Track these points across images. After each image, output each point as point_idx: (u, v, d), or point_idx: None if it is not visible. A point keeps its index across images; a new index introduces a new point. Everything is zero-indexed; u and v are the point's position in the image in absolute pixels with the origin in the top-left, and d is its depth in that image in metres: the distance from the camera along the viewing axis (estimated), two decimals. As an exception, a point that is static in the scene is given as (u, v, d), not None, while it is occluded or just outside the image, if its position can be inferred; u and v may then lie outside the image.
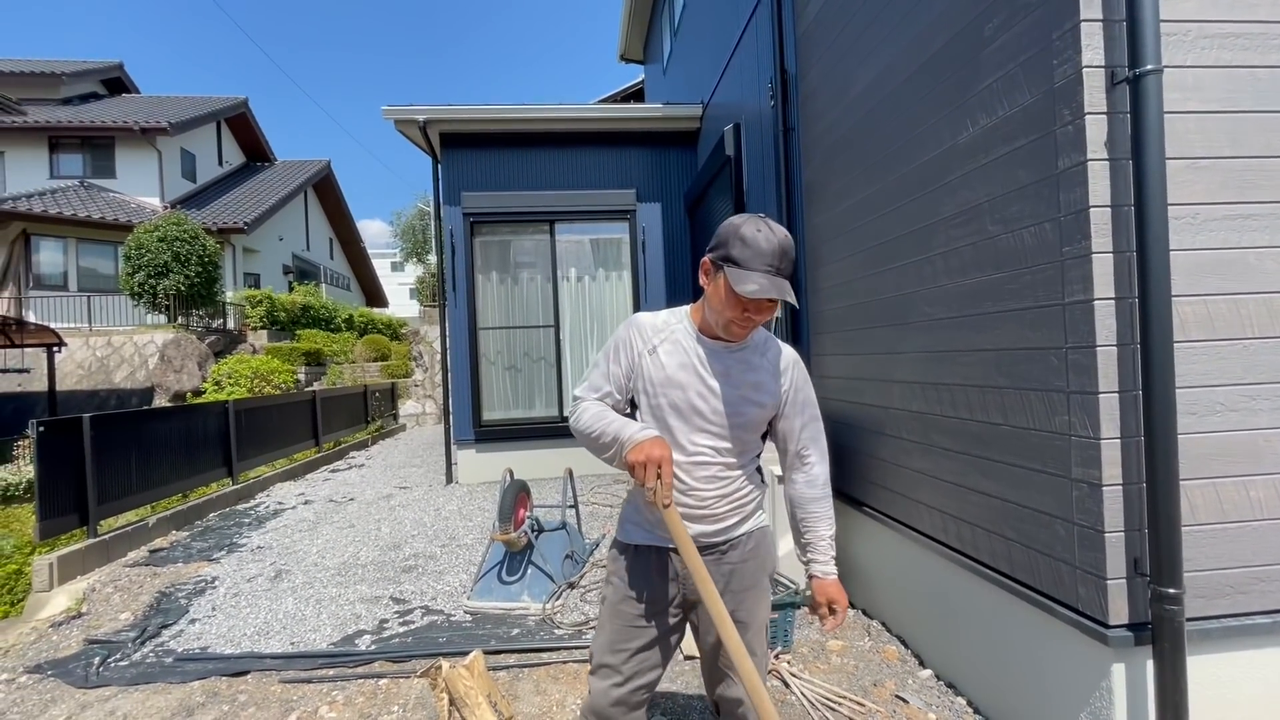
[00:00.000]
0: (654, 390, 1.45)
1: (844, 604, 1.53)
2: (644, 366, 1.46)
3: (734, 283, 1.29)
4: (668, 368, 1.44)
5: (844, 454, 3.38)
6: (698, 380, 1.43)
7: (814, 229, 3.70)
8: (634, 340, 1.48)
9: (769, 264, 1.29)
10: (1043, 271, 1.92)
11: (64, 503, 4.38)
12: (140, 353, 13.20)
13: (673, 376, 1.43)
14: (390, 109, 6.38)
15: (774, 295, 1.28)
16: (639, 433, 1.35)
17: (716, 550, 1.50)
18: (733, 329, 1.39)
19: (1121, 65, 1.74)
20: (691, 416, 1.43)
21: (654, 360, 1.45)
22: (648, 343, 1.47)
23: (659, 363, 1.45)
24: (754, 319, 1.37)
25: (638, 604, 1.49)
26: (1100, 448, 1.74)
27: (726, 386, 1.44)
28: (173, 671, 2.87)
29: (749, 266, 1.29)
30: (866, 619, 3.11)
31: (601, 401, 1.49)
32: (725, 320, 1.38)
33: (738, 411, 1.44)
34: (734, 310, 1.35)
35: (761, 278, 1.28)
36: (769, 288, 1.28)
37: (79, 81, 18.89)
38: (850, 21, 3.16)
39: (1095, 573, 1.76)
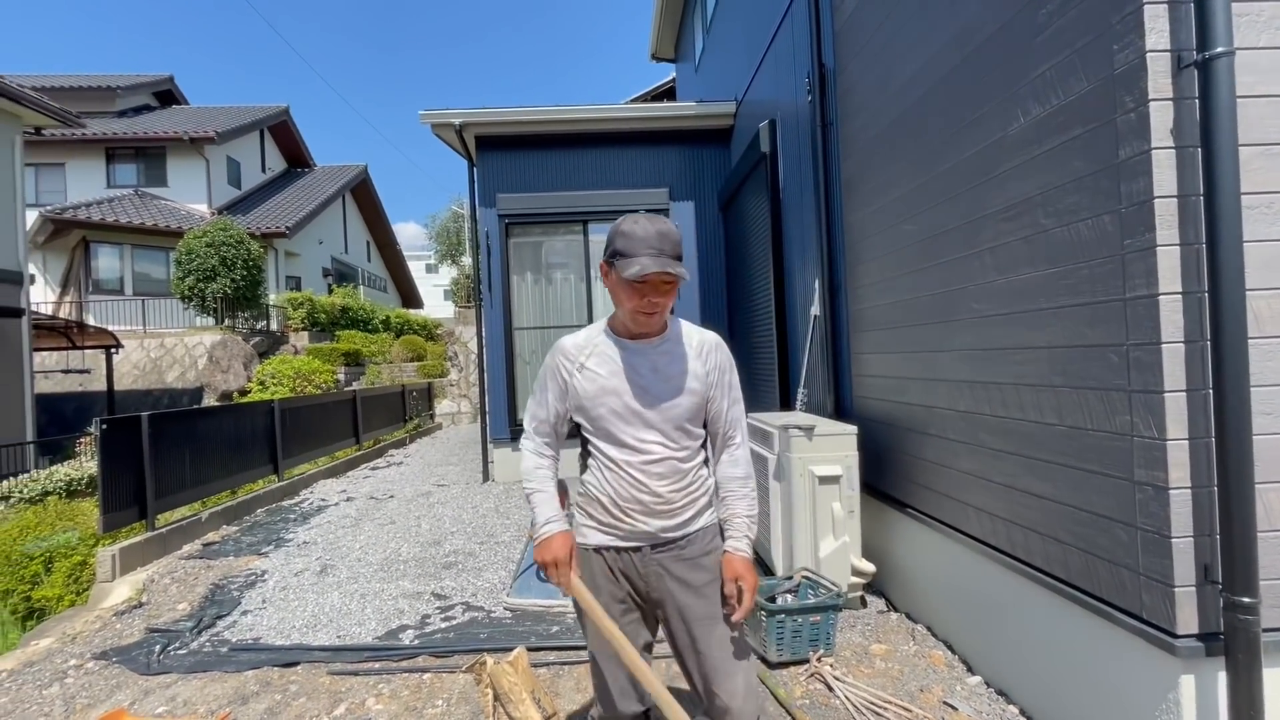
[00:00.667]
0: (591, 404, 1.51)
1: (752, 583, 1.52)
2: (576, 385, 1.52)
3: (622, 271, 1.38)
4: (599, 378, 1.50)
5: (885, 454, 3.32)
6: (629, 383, 1.49)
7: (853, 225, 3.64)
8: (561, 365, 1.55)
9: (651, 247, 1.37)
10: (1102, 266, 1.85)
11: (124, 497, 4.59)
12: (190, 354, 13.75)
13: (605, 385, 1.49)
14: (427, 113, 6.50)
15: (656, 269, 1.35)
16: (544, 527, 1.50)
17: (675, 546, 1.54)
18: (639, 318, 1.45)
19: (1189, 48, 1.66)
20: (633, 418, 1.49)
21: (584, 376, 1.51)
22: (574, 361, 1.53)
23: (589, 376, 1.51)
24: (655, 302, 1.42)
25: (609, 601, 1.53)
26: (1166, 449, 1.66)
27: (658, 381, 1.50)
28: (228, 661, 2.98)
29: (633, 253, 1.38)
30: (910, 623, 3.04)
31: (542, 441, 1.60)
32: (630, 311, 1.45)
33: (674, 403, 1.49)
34: (633, 299, 1.42)
35: (644, 259, 1.36)
36: (651, 265, 1.35)
37: (133, 95, 19.73)
38: (892, 13, 3.09)
39: (1161, 579, 1.69)
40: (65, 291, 16.05)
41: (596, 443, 1.54)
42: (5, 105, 9.42)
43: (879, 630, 2.99)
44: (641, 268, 1.36)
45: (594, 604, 1.46)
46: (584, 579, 1.54)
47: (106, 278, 16.11)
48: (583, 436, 1.59)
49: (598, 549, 1.56)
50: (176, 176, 17.65)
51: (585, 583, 1.53)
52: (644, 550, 1.53)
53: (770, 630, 2.64)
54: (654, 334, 1.53)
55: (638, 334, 1.52)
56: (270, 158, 21.49)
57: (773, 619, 2.63)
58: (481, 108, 6.55)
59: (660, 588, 1.53)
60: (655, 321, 1.48)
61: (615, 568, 1.55)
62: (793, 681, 2.56)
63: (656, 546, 1.53)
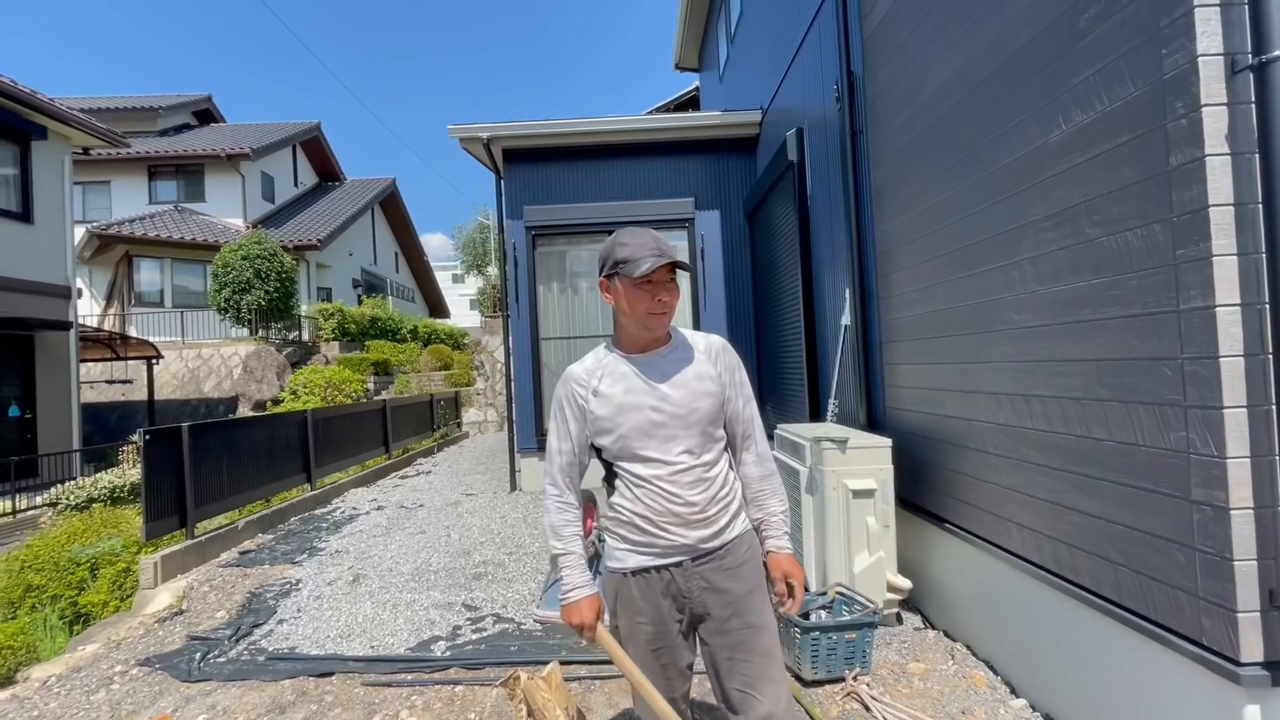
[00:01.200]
0: (612, 424, 1.49)
1: (800, 578, 1.55)
2: (593, 409, 1.50)
3: (630, 274, 1.41)
4: (616, 397, 1.49)
5: (921, 467, 3.25)
6: (647, 395, 1.48)
7: (885, 234, 3.58)
8: (574, 393, 1.53)
9: (651, 249, 1.42)
10: (1152, 276, 1.79)
11: (166, 506, 4.72)
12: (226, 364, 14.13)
13: (624, 403, 1.48)
14: (456, 128, 6.61)
15: (667, 260, 1.41)
16: (570, 593, 1.51)
17: (715, 556, 1.51)
18: (651, 320, 1.46)
19: (1243, 52, 1.60)
20: (656, 431, 1.47)
21: (600, 399, 1.50)
22: (587, 387, 1.52)
23: (605, 398, 1.49)
24: (664, 300, 1.45)
25: (649, 626, 1.51)
26: (1226, 468, 1.60)
27: (674, 389, 1.49)
28: (265, 669, 3.03)
29: (636, 258, 1.41)
30: (949, 641, 2.96)
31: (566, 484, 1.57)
32: (641, 316, 1.46)
33: (693, 408, 1.48)
34: (643, 301, 1.44)
35: (649, 258, 1.40)
36: (661, 258, 1.41)
37: (174, 114, 20.48)
38: (923, 20, 3.05)
39: (1223, 604, 1.61)
40: (109, 304, 16.65)
41: (622, 464, 1.52)
42: (57, 128, 9.85)
43: (916, 648, 2.92)
44: (653, 263, 1.40)
45: (623, 655, 1.47)
46: (624, 608, 1.52)
47: (148, 290, 16.68)
48: (605, 461, 1.57)
49: (636, 571, 1.52)
50: (214, 192, 18.23)
51: (625, 610, 1.52)
52: (684, 564, 1.50)
53: (804, 647, 2.59)
54: (661, 344, 1.53)
55: (646, 345, 1.52)
56: (302, 172, 22.08)
57: (807, 636, 2.58)
58: (508, 122, 6.64)
59: (703, 600, 1.50)
60: (666, 322, 1.49)
61: (656, 588, 1.51)
62: (828, 701, 2.51)
63: (697, 559, 1.50)
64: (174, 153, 17.91)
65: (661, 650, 1.51)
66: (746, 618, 1.50)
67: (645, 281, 1.42)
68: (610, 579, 1.56)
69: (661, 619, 1.51)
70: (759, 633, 1.50)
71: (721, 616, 1.50)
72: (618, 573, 1.54)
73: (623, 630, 1.54)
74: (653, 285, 1.43)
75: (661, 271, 1.42)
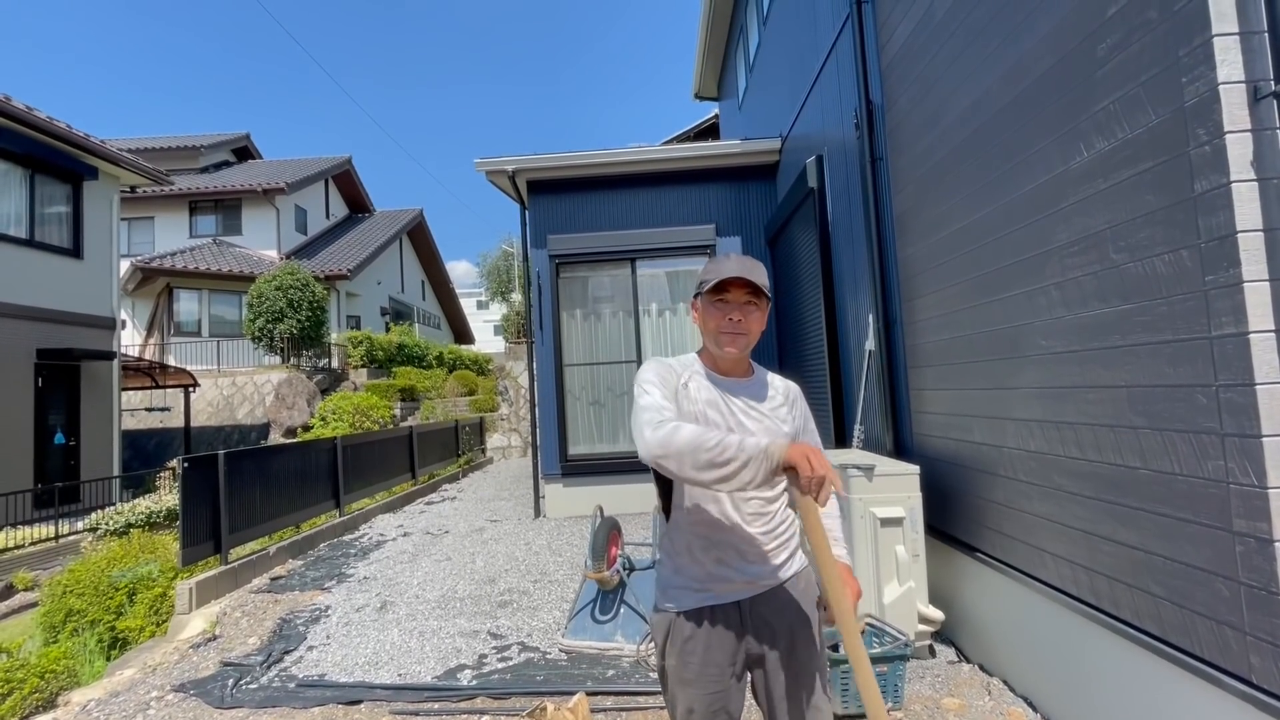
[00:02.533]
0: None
1: (855, 588, 1.52)
2: (681, 400, 1.44)
3: (708, 286, 1.44)
4: (698, 402, 1.45)
5: (950, 494, 3.19)
6: (723, 415, 1.44)
7: (908, 260, 3.59)
8: (668, 373, 1.47)
9: (732, 267, 1.43)
10: (1182, 302, 1.77)
11: (202, 532, 4.83)
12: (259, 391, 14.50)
13: (702, 412, 1.43)
14: (482, 162, 6.81)
15: (741, 274, 1.41)
16: (780, 437, 1.38)
17: (775, 594, 1.46)
18: (721, 339, 1.45)
19: (1265, 79, 1.60)
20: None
21: (686, 394, 1.45)
22: (680, 376, 1.48)
23: (690, 396, 1.45)
24: (735, 320, 1.43)
25: (706, 668, 1.41)
26: (1269, 498, 1.55)
27: (751, 419, 1.46)
28: (296, 697, 3.06)
29: (715, 274, 1.44)
30: (985, 675, 2.88)
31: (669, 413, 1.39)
32: (715, 332, 1.46)
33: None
34: (715, 318, 1.45)
35: (727, 271, 1.42)
36: (736, 269, 1.42)
37: (214, 152, 21.43)
38: (940, 49, 3.09)
39: (1272, 640, 1.56)
40: (150, 334, 17.27)
41: (685, 489, 1.45)
42: (107, 168, 10.38)
43: (950, 683, 2.84)
44: (722, 275, 1.42)
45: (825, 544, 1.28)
46: (674, 647, 1.44)
47: (186, 320, 17.29)
48: (663, 485, 1.48)
49: (696, 611, 1.43)
50: (250, 225, 18.94)
51: (675, 649, 1.44)
52: (742, 604, 1.43)
53: (834, 680, 2.54)
54: (743, 373, 1.52)
55: (727, 369, 1.50)
56: (334, 204, 22.83)
57: (837, 669, 2.53)
58: (532, 154, 6.82)
59: (765, 637, 1.44)
60: (740, 345, 1.45)
61: (712, 629, 1.43)
62: (860, 737, 2.45)
63: (758, 597, 1.44)
64: (214, 189, 18.70)
65: (715, 695, 1.42)
66: (803, 655, 1.44)
67: (719, 300, 1.43)
68: (662, 618, 1.48)
69: (715, 661, 1.42)
70: (813, 670, 1.45)
71: (774, 657, 1.44)
72: (670, 611, 1.46)
73: (670, 670, 1.45)
74: (726, 304, 1.43)
75: (737, 291, 1.42)
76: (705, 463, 1.22)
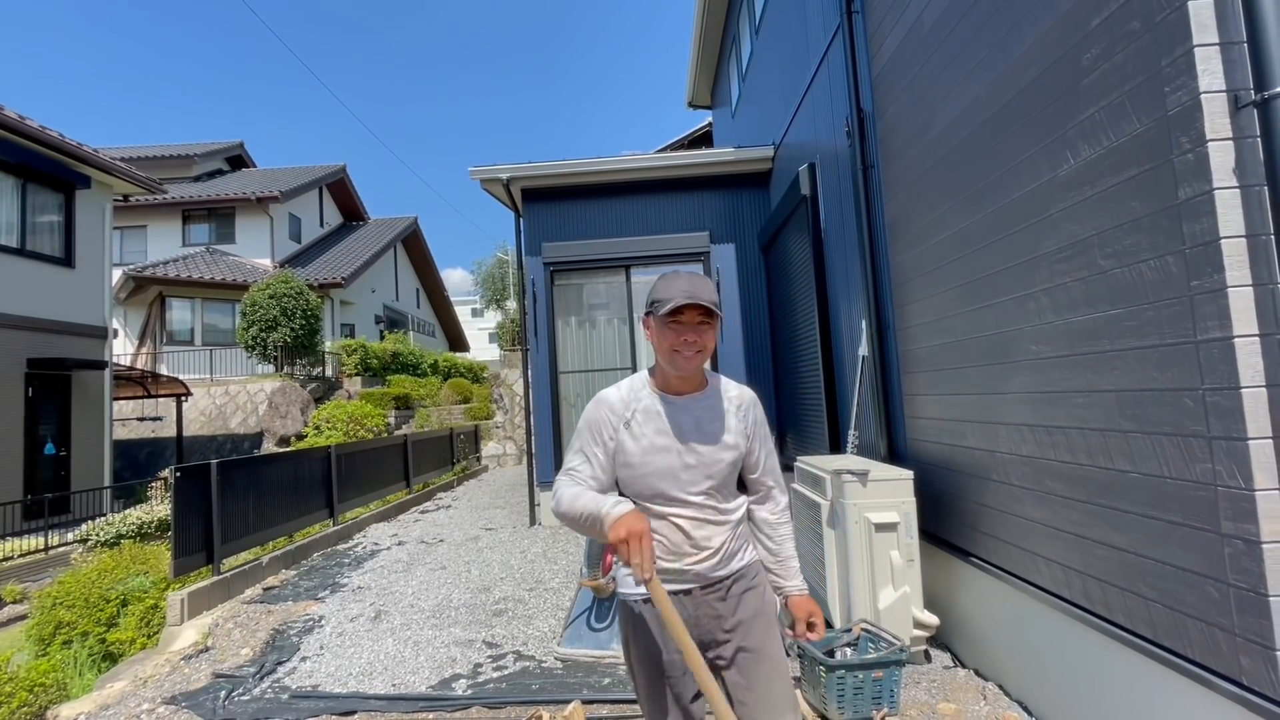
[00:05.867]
0: (639, 461, 1.50)
1: (821, 617, 1.62)
2: (623, 441, 1.50)
3: (660, 309, 1.46)
4: (646, 435, 1.50)
5: (944, 499, 3.21)
6: (675, 440, 1.50)
7: (900, 266, 3.62)
8: (607, 418, 1.51)
9: (683, 289, 1.45)
10: (1168, 307, 1.80)
11: (194, 543, 4.79)
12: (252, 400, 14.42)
13: (654, 443, 1.49)
14: (477, 170, 6.83)
15: (688, 300, 1.43)
16: (614, 508, 1.34)
17: (723, 585, 1.56)
18: (675, 358, 1.48)
19: (1246, 88, 1.63)
20: (680, 474, 1.50)
21: (630, 433, 1.50)
22: (620, 417, 1.52)
23: (636, 434, 1.50)
24: (691, 340, 1.46)
25: (662, 655, 1.51)
26: (1255, 500, 1.57)
27: (701, 437, 1.51)
28: (289, 708, 3.03)
29: (668, 296, 1.46)
30: (980, 680, 2.88)
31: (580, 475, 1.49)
32: (668, 351, 1.48)
33: (717, 459, 1.52)
34: (669, 338, 1.47)
35: (679, 296, 1.44)
36: (687, 298, 1.43)
37: (207, 160, 21.40)
38: (930, 59, 3.13)
39: (1261, 641, 1.57)
40: (142, 343, 17.17)
41: (641, 500, 1.52)
42: (100, 177, 10.36)
43: (946, 688, 2.84)
44: (675, 301, 1.44)
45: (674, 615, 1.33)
46: (636, 635, 1.53)
47: (179, 329, 17.20)
48: (623, 494, 1.56)
49: (648, 599, 1.52)
50: (244, 234, 18.89)
51: (639, 639, 1.53)
52: (694, 592, 1.54)
53: (830, 687, 2.54)
54: (695, 387, 1.55)
55: (680, 388, 1.54)
56: (328, 212, 22.81)
57: (832, 675, 2.53)
58: (527, 163, 6.84)
59: (712, 628, 1.54)
60: (695, 363, 1.49)
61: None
62: (857, 743, 2.44)
63: (705, 587, 1.54)
64: (207, 197, 18.66)
65: (671, 680, 1.51)
66: (745, 642, 1.54)
67: (673, 320, 1.46)
68: (625, 607, 1.59)
69: (673, 647, 1.49)
70: (757, 660, 1.53)
71: (727, 643, 1.54)
72: (632, 600, 1.56)
73: (635, 658, 1.56)
74: (680, 325, 1.46)
75: (691, 313, 1.45)
76: (573, 523, 1.42)
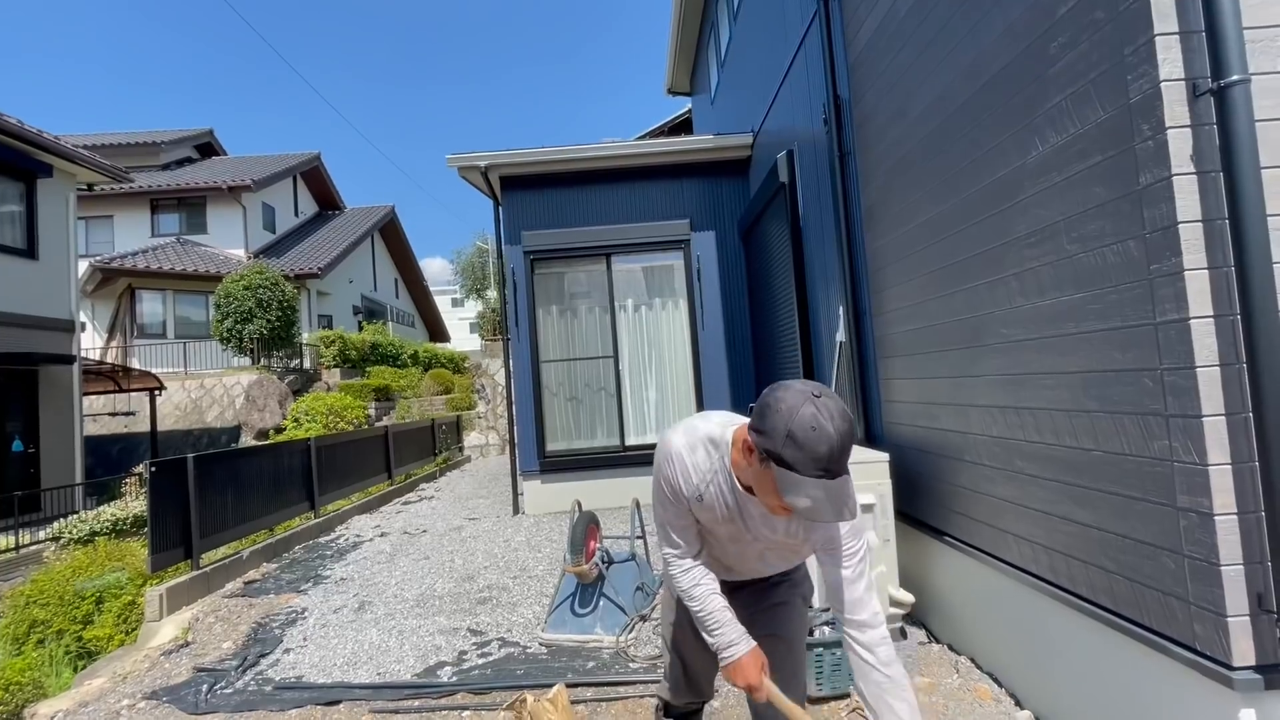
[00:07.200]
0: (704, 525, 1.55)
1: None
2: (693, 507, 1.50)
3: (783, 490, 1.16)
4: (714, 511, 1.47)
5: (919, 481, 3.28)
6: (742, 531, 1.50)
7: (876, 252, 3.66)
8: (682, 486, 1.47)
9: (824, 468, 1.12)
10: (1130, 290, 1.85)
11: (171, 538, 4.73)
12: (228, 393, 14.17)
13: (715, 518, 1.50)
14: (454, 157, 6.74)
15: (831, 518, 1.15)
16: (731, 648, 1.47)
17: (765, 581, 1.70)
18: (779, 512, 1.30)
19: (1204, 76, 1.68)
20: (734, 544, 1.56)
21: (700, 505, 1.48)
22: (694, 490, 1.46)
23: (704, 507, 1.49)
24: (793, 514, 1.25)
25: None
26: (1208, 474, 1.64)
27: (766, 529, 1.48)
28: (272, 700, 3.03)
29: (802, 472, 1.13)
30: (954, 654, 2.97)
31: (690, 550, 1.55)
32: (771, 505, 1.29)
33: (784, 559, 1.62)
34: (780, 500, 1.20)
35: (816, 487, 1.13)
36: (826, 505, 1.13)
37: (176, 148, 20.80)
38: (904, 46, 3.16)
39: (1213, 609, 1.65)
40: (112, 337, 16.75)
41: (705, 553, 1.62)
42: (62, 165, 10.02)
43: (921, 663, 2.93)
44: (813, 507, 1.14)
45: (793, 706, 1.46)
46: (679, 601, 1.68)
47: (150, 322, 16.80)
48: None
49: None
50: (216, 224, 18.45)
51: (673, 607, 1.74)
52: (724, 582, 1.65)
53: (809, 664, 2.61)
54: None
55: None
56: (303, 202, 22.35)
57: (811, 652, 2.60)
58: (505, 149, 6.77)
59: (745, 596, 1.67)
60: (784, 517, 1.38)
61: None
62: (833, 717, 2.52)
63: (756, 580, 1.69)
64: (176, 186, 18.17)
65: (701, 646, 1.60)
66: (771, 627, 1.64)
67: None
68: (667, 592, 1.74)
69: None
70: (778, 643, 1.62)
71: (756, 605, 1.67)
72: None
73: (676, 622, 1.73)
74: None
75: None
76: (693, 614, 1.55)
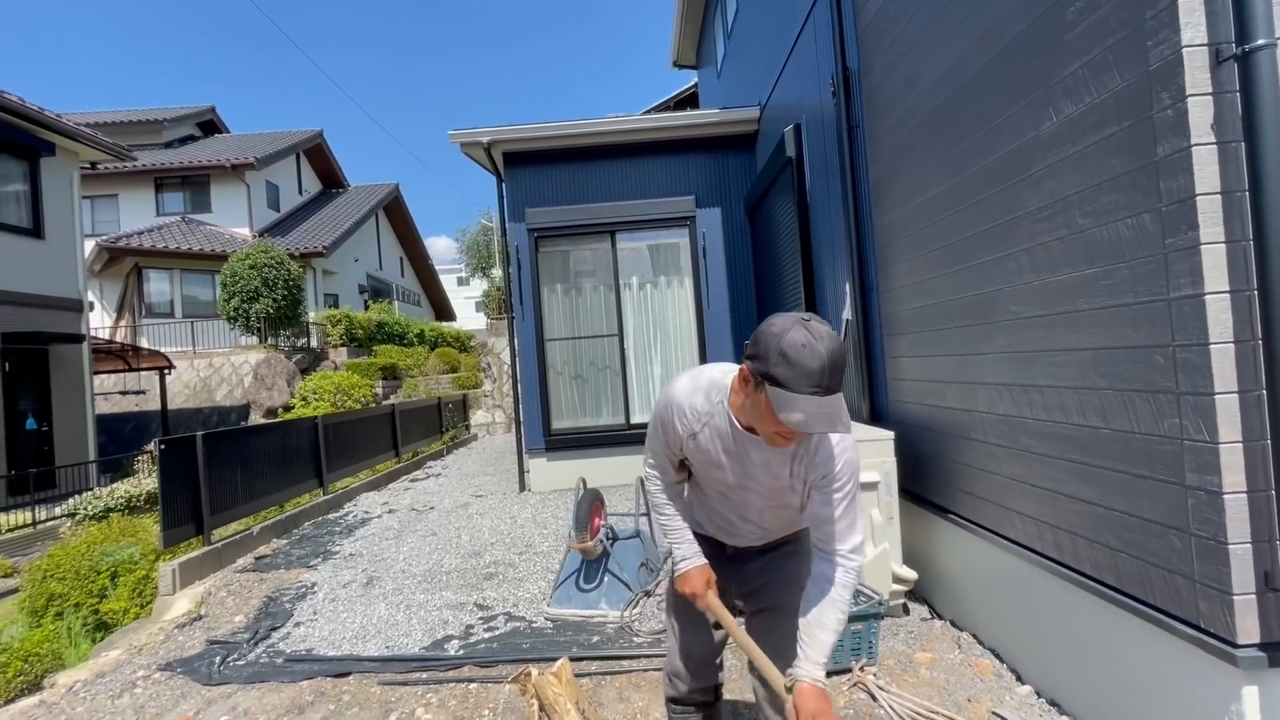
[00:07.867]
0: (698, 469, 1.58)
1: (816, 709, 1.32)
2: (688, 448, 1.52)
3: (777, 408, 1.17)
4: (709, 454, 1.48)
5: (924, 459, 3.27)
6: (739, 470, 1.47)
7: (884, 227, 3.60)
8: (676, 425, 1.49)
9: (816, 384, 1.14)
10: (1143, 265, 1.81)
11: (183, 514, 4.80)
12: (236, 372, 14.28)
13: (713, 460, 1.49)
14: (456, 133, 6.66)
15: (824, 428, 1.16)
16: (683, 561, 1.60)
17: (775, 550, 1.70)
18: (777, 440, 1.30)
19: (1228, 41, 1.62)
20: (736, 493, 1.54)
21: (695, 444, 1.49)
22: (688, 429, 1.48)
23: (701, 446, 1.49)
24: (792, 438, 1.28)
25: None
26: (1219, 453, 1.62)
27: (766, 476, 1.46)
28: (283, 671, 3.09)
29: (794, 388, 1.15)
30: (955, 630, 2.99)
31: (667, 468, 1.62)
32: (768, 433, 1.29)
33: (784, 503, 1.51)
34: (776, 425, 1.22)
35: (809, 403, 1.14)
36: (818, 417, 1.15)
37: (178, 126, 20.66)
38: (915, 14, 3.07)
39: (1219, 587, 1.64)
40: (120, 316, 16.85)
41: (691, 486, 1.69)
42: (65, 143, 9.99)
43: (923, 638, 2.95)
44: (806, 419, 1.15)
45: (731, 621, 1.57)
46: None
47: (158, 301, 16.88)
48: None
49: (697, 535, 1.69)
50: (220, 202, 18.40)
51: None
52: (728, 547, 1.70)
53: (811, 639, 2.63)
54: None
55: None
56: (306, 180, 22.23)
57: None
58: (508, 125, 6.68)
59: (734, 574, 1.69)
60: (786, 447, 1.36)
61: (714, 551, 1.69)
62: (835, 692, 2.54)
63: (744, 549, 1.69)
64: (180, 164, 18.09)
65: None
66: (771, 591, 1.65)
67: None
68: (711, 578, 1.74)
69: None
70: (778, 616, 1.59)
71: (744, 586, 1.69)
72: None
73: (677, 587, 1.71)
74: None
75: None
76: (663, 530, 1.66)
